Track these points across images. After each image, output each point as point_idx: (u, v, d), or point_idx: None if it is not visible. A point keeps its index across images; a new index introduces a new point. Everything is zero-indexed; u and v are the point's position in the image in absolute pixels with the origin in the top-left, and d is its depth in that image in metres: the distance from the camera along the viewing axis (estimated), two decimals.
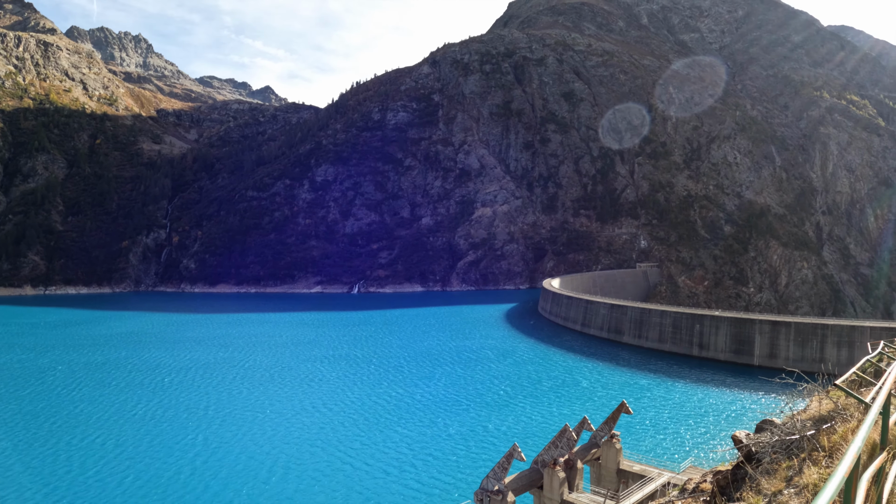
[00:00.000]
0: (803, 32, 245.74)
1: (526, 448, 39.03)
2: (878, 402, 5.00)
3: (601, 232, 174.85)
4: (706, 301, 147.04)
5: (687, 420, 51.89)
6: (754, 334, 78.55)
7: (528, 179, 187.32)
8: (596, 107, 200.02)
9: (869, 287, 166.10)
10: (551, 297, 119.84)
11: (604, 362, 77.75)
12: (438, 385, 63.66)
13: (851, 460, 3.34)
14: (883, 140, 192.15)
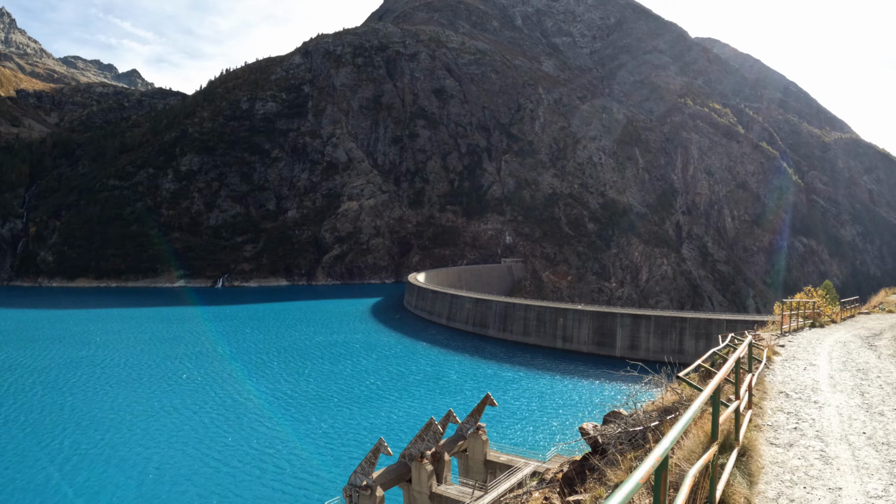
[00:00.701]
0: (672, 42, 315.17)
1: (394, 442, 47.95)
2: (706, 393, 6.09)
3: (467, 227, 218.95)
4: (570, 295, 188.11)
5: (552, 410, 66.01)
6: (616, 327, 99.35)
7: (395, 174, 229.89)
8: (466, 104, 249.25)
9: (725, 282, 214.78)
10: (417, 292, 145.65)
11: (469, 356, 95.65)
12: (305, 380, 77.13)
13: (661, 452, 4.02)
14: (742, 146, 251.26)
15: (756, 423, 10.98)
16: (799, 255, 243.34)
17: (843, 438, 10.46)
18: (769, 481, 8.27)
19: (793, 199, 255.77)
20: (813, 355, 20.33)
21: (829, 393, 14.19)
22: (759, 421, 11.27)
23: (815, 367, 17.91)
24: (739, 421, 8.84)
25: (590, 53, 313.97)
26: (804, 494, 7.85)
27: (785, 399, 13.39)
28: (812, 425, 11.27)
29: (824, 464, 9.06)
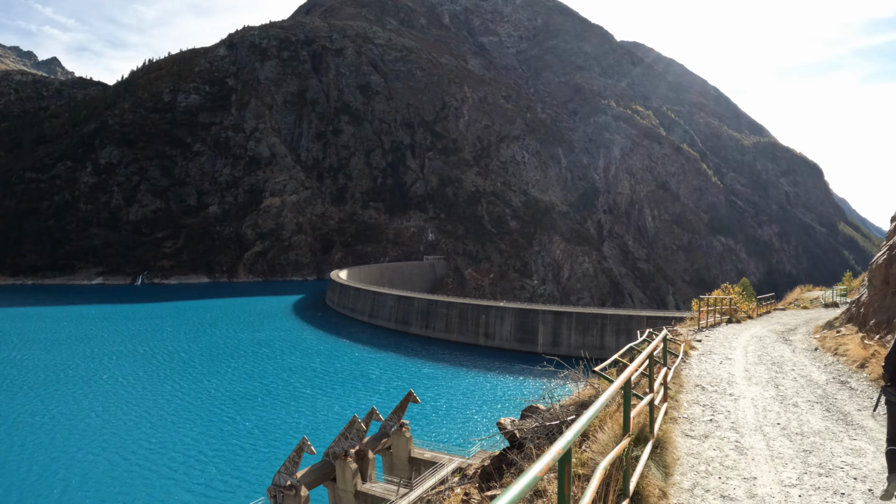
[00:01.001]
0: (597, 45, 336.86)
1: (318, 441, 49.29)
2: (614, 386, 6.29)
3: (390, 224, 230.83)
4: (492, 293, 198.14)
5: (475, 406, 69.20)
6: (538, 324, 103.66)
7: (318, 170, 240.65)
8: (391, 101, 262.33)
9: (646, 280, 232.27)
10: (339, 289, 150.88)
11: (392, 353, 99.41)
12: (228, 380, 79.31)
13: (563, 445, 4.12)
14: (663, 148, 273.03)
15: (672, 416, 11.73)
16: (718, 254, 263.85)
17: (757, 429, 11.22)
18: (685, 472, 8.78)
19: (712, 199, 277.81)
20: (729, 350, 22.02)
21: (745, 385, 15.25)
22: (675, 413, 11.99)
23: (731, 360, 19.36)
24: (654, 414, 9.31)
25: (516, 53, 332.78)
26: (719, 484, 8.39)
27: (701, 392, 14.31)
28: (727, 417, 12.05)
29: (739, 454, 9.70)
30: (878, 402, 8.56)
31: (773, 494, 8.08)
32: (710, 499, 7.92)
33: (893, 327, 19.63)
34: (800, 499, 7.96)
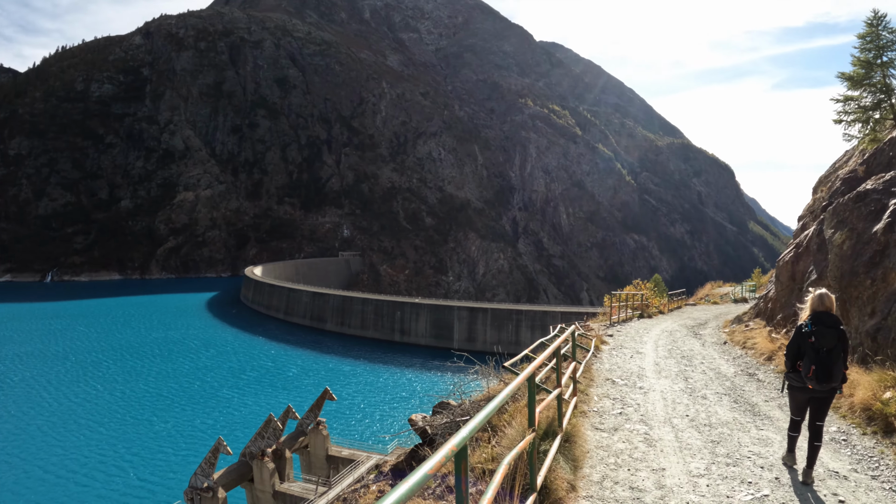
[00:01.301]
0: (517, 44, 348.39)
1: (234, 441, 50.74)
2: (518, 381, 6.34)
3: (305, 220, 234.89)
4: (407, 289, 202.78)
5: (392, 403, 71.53)
6: (453, 320, 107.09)
7: (233, 164, 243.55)
8: (308, 95, 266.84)
9: (560, 276, 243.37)
10: (254, 286, 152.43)
11: (307, 350, 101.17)
12: (143, 380, 79.65)
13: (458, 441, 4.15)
14: (578, 147, 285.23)
15: (582, 410, 12.30)
16: (631, 251, 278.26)
17: (666, 421, 11.86)
18: (594, 465, 9.22)
19: (626, 198, 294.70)
20: (640, 344, 22.97)
21: (655, 379, 16.15)
22: (585, 407, 12.58)
23: (641, 354, 20.34)
24: (563, 408, 9.72)
25: (435, 51, 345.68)
26: (628, 476, 8.82)
27: (612, 386, 15.09)
28: (637, 410, 12.72)
29: (648, 446, 10.28)
30: (784, 386, 9.82)
31: (681, 484, 8.55)
32: (619, 490, 8.30)
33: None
34: (707, 488, 8.43)
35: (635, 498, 8.11)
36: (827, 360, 8.91)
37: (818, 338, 8.97)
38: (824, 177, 32.16)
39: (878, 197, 18.50)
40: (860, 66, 26.19)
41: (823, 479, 8.96)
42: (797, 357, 9.30)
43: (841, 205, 20.06)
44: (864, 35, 26.07)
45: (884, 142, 22.63)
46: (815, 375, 8.91)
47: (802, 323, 9.34)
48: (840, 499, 8.26)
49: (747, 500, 8.16)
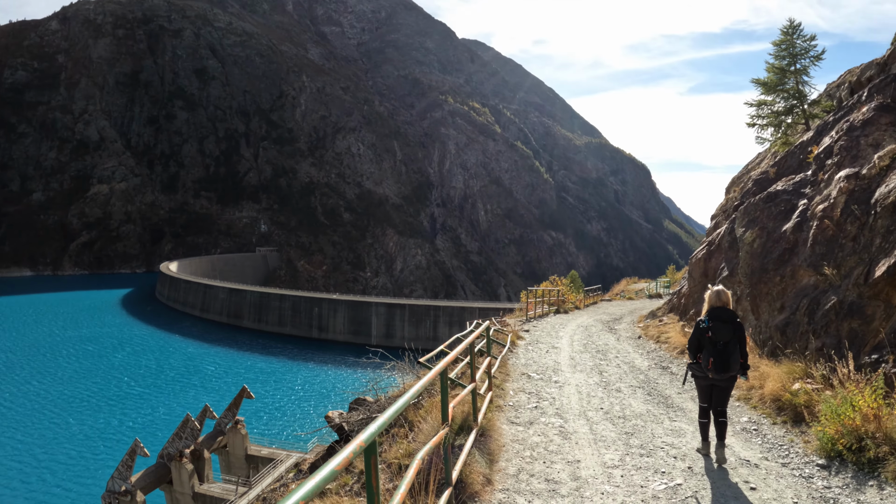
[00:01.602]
0: (439, 41, 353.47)
1: (152, 442, 49.74)
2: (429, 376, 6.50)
3: (222, 215, 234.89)
4: (325, 285, 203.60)
5: (311, 400, 71.59)
6: (371, 316, 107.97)
7: (149, 157, 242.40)
8: (227, 87, 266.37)
9: (478, 272, 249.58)
10: (169, 282, 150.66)
11: (224, 348, 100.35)
12: (58, 381, 77.60)
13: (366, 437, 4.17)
14: (497, 144, 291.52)
15: (498, 405, 12.53)
16: (548, 248, 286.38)
17: (581, 414, 12.19)
18: (510, 458, 9.38)
19: (544, 195, 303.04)
20: (556, 339, 23.40)
21: (570, 373, 16.48)
22: (501, 402, 12.81)
23: (557, 349, 20.80)
24: (478, 402, 10.04)
25: (357, 45, 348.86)
26: (544, 469, 9.02)
27: (527, 380, 15.36)
28: (552, 403, 13.01)
29: (563, 439, 10.54)
30: (686, 377, 10.70)
31: (595, 476, 8.77)
32: (535, 483, 8.47)
33: None
34: (622, 478, 8.67)
35: (551, 490, 8.32)
36: (724, 352, 9.69)
37: (715, 332, 9.72)
38: (737, 178, 34.78)
39: (787, 197, 19.32)
40: (774, 73, 28.55)
41: (735, 468, 9.32)
42: (698, 350, 10.05)
43: (752, 204, 20.72)
44: (780, 43, 28.14)
45: (795, 145, 23.31)
46: (714, 367, 9.67)
47: (701, 319, 10.13)
48: (751, 486, 8.62)
49: (661, 489, 8.41)
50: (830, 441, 9.61)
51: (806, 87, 28.30)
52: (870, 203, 14.64)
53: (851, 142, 17.30)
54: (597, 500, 8.03)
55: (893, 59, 20.03)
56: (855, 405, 9.53)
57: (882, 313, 12.57)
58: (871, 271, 13.25)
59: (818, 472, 9.21)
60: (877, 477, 8.57)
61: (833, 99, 28.68)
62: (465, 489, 7.87)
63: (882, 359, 11.60)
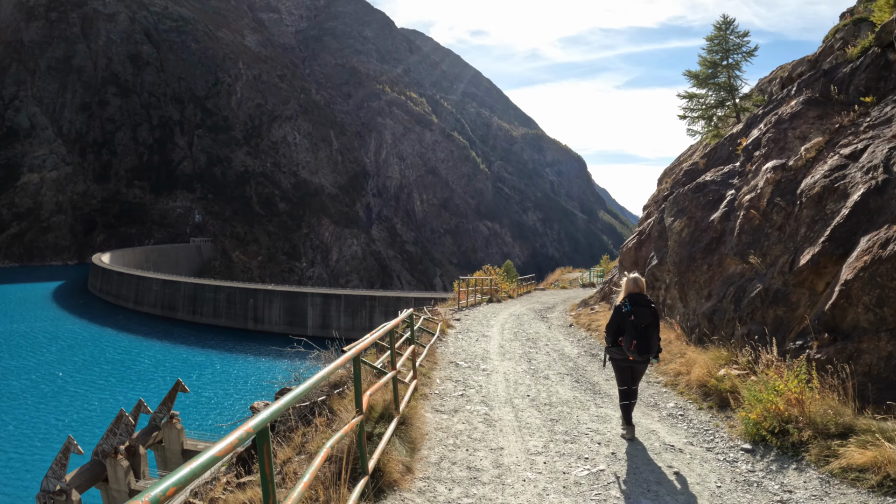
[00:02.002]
0: (377, 30, 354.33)
1: (87, 439, 49.18)
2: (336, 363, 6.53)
3: (155, 205, 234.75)
4: (260, 276, 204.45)
5: (247, 392, 71.98)
6: (307, 306, 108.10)
7: (81, 144, 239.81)
8: (162, 73, 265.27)
9: (414, 262, 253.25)
10: (102, 274, 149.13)
11: (159, 341, 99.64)
12: None
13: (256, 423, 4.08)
14: (434, 134, 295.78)
15: (424, 393, 12.71)
16: (484, 238, 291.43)
17: (507, 402, 12.39)
18: (433, 447, 9.52)
19: (480, 185, 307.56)
20: (487, 328, 24.07)
21: (499, 361, 16.81)
22: (427, 390, 13.03)
23: (487, 338, 21.33)
24: (400, 390, 10.17)
25: (295, 33, 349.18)
26: (466, 456, 9.16)
27: (455, 368, 15.64)
28: (479, 391, 13.28)
29: (488, 426, 10.69)
30: (605, 361, 11.12)
31: (518, 463, 8.89)
32: (457, 471, 8.56)
33: None
34: (545, 465, 8.80)
35: (472, 477, 8.37)
36: (645, 335, 10.17)
37: (637, 316, 10.16)
38: (669, 169, 35.29)
39: (716, 188, 19.61)
40: (707, 66, 29.20)
41: (659, 453, 9.48)
42: (618, 333, 10.48)
43: (681, 195, 20.99)
44: (713, 38, 29.07)
45: (725, 137, 23.80)
46: (637, 348, 10.13)
47: (620, 304, 10.57)
48: (675, 470, 8.77)
49: (583, 475, 8.49)
50: (754, 426, 9.87)
51: (738, 82, 29.17)
52: (796, 193, 15.05)
53: (779, 134, 17.89)
54: (518, 487, 8.10)
55: (824, 57, 20.33)
56: (778, 390, 9.77)
57: (806, 300, 13.03)
58: (795, 260, 13.68)
59: (742, 456, 9.42)
60: (800, 460, 8.84)
61: (765, 94, 29.44)
62: (383, 478, 7.83)
63: (806, 345, 11.95)
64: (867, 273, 10.88)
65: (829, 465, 8.46)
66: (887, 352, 10.15)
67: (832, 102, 17.24)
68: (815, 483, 8.19)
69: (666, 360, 15.54)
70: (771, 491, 8.16)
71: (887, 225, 11.20)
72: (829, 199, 13.68)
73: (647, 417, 11.93)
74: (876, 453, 8.02)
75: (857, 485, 7.86)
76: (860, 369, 10.18)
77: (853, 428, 8.94)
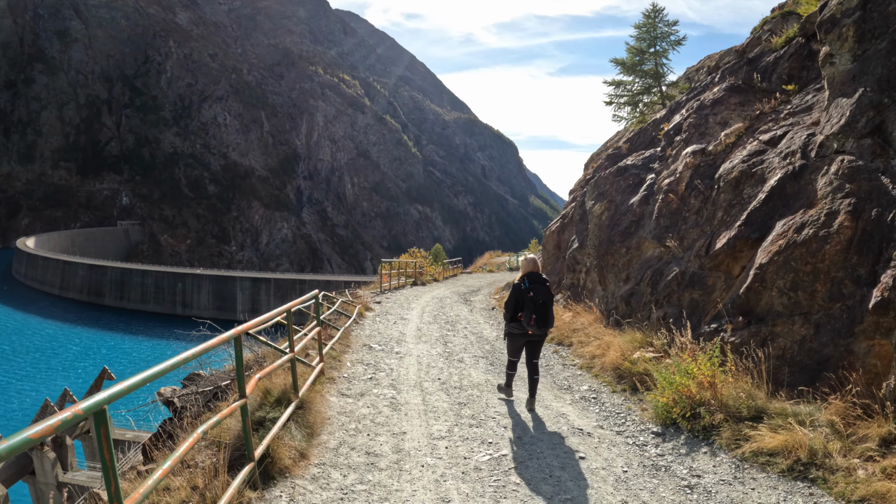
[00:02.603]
0: (312, 10, 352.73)
1: (11, 431, 47.55)
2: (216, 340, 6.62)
3: (82, 187, 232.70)
4: (189, 260, 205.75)
5: (175, 379, 66.00)
6: (236, 291, 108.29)
7: (5, 124, 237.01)
8: (90, 50, 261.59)
9: (344, 246, 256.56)
10: (26, 259, 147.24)
11: (85, 328, 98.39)
12: None
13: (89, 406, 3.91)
14: (366, 117, 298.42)
15: (331, 376, 12.68)
16: (415, 221, 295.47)
17: (417, 385, 12.34)
18: (333, 431, 9.43)
19: (411, 169, 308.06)
20: (407, 310, 24.38)
21: (414, 344, 16.86)
22: (335, 374, 13.01)
23: (405, 320, 21.46)
24: (298, 372, 9.97)
25: (228, 11, 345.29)
26: (367, 441, 9.10)
27: (368, 351, 15.70)
28: (389, 374, 13.32)
29: (393, 410, 10.67)
30: (505, 335, 11.64)
31: (419, 448, 8.87)
32: (355, 456, 8.50)
33: (563, 287, 22.75)
34: (446, 450, 8.81)
35: (370, 463, 8.34)
36: (543, 310, 10.94)
37: (535, 293, 10.93)
38: (595, 154, 35.35)
39: (636, 172, 19.57)
40: (634, 54, 29.60)
41: (567, 437, 9.54)
42: (517, 309, 11.16)
43: (602, 178, 20.91)
44: (641, 25, 29.24)
45: (648, 123, 23.73)
46: (536, 323, 10.89)
47: (519, 282, 11.33)
48: (581, 455, 8.77)
49: (484, 460, 8.47)
50: (665, 409, 9.80)
51: (665, 70, 29.31)
52: (714, 178, 15.09)
53: (700, 119, 17.92)
54: (415, 474, 7.99)
55: (752, 48, 20.22)
56: (691, 373, 9.69)
57: (722, 284, 13.09)
58: (712, 243, 13.70)
59: (652, 439, 9.40)
60: (710, 444, 8.84)
61: (692, 82, 29.57)
62: (274, 465, 7.62)
63: (721, 328, 11.96)
64: (782, 257, 11.05)
65: (741, 448, 8.45)
66: (801, 335, 10.30)
67: (755, 90, 17.39)
68: (724, 467, 8.17)
69: (583, 342, 15.89)
70: (679, 475, 8.13)
71: (803, 209, 11.39)
72: (747, 183, 13.76)
73: (559, 401, 11.98)
74: (787, 437, 8.07)
75: (767, 469, 7.88)
76: (774, 353, 10.27)
77: (766, 411, 9.01)
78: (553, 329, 16.37)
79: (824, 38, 13.18)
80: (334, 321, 18.37)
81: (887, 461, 7.53)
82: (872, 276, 9.80)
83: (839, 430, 8.36)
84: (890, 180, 10.28)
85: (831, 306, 10.26)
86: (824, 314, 10.33)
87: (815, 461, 7.89)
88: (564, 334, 17.82)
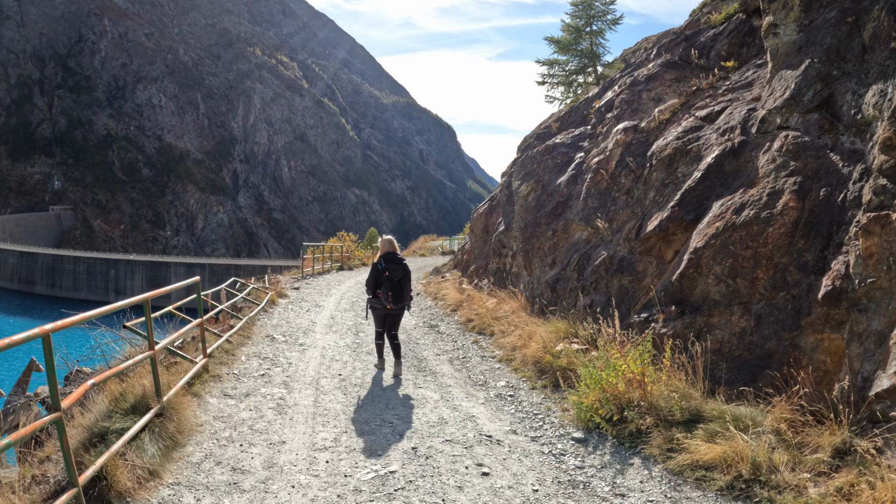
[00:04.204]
0: None
1: None
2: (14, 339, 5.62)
3: (12, 171, 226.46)
4: (123, 245, 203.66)
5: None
6: (170, 277, 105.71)
7: None
8: (23, 28, 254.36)
9: (281, 230, 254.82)
10: None
11: (15, 317, 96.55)
12: None
13: None
14: (304, 100, 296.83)
15: (218, 373, 11.29)
16: (352, 205, 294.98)
17: (312, 383, 11.24)
18: (202, 441, 8.11)
19: (349, 153, 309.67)
20: (325, 297, 23.14)
21: (322, 334, 15.80)
22: (224, 370, 11.66)
23: (319, 308, 20.19)
24: (157, 372, 8.43)
25: None
26: (237, 454, 7.80)
27: (269, 343, 14.53)
28: (286, 370, 12.12)
29: (278, 414, 9.42)
30: (367, 312, 12.43)
31: (296, 462, 7.64)
32: (218, 474, 7.26)
33: (489, 272, 21.68)
34: (326, 465, 7.59)
35: (232, 482, 7.04)
36: (398, 287, 11.77)
37: (391, 272, 11.75)
38: (529, 136, 33.92)
39: (565, 150, 18.66)
40: (570, 32, 28.62)
41: (472, 447, 8.29)
42: (376, 287, 11.95)
43: (530, 157, 19.71)
44: (578, 3, 28.21)
45: (581, 101, 22.78)
46: (392, 299, 11.74)
47: (377, 262, 12.01)
48: (485, 471, 7.53)
49: (367, 478, 7.27)
50: (588, 411, 8.77)
51: (601, 49, 28.63)
52: (646, 156, 14.26)
53: (633, 96, 17.08)
54: (282, 497, 6.73)
55: (690, 29, 19.49)
56: (618, 369, 8.68)
57: (654, 269, 12.22)
58: (643, 226, 12.86)
59: (572, 447, 8.35)
60: (638, 453, 7.83)
61: (628, 64, 27.61)
62: (110, 489, 6.31)
63: (652, 318, 11.00)
64: (719, 241, 10.25)
65: (674, 460, 7.41)
66: (741, 327, 9.43)
67: (692, 66, 16.61)
68: (654, 484, 7.11)
69: (505, 332, 14.89)
70: (599, 494, 7.01)
71: (743, 189, 10.64)
72: (682, 161, 12.98)
73: (471, 399, 10.70)
74: (726, 447, 7.03)
75: (703, 486, 6.87)
76: (711, 346, 9.36)
77: (701, 414, 8.05)
78: (475, 317, 16.30)
79: (768, 8, 12.44)
80: (240, 310, 17.35)
81: (842, 477, 6.46)
82: (821, 263, 8.97)
83: (786, 438, 7.35)
84: (840, 157, 9.49)
85: (774, 295, 9.39)
86: (766, 304, 9.42)
87: (759, 477, 6.77)
88: (487, 322, 16.65)
